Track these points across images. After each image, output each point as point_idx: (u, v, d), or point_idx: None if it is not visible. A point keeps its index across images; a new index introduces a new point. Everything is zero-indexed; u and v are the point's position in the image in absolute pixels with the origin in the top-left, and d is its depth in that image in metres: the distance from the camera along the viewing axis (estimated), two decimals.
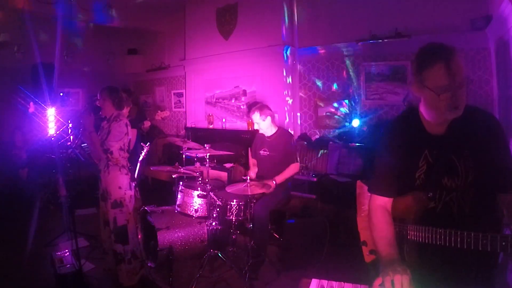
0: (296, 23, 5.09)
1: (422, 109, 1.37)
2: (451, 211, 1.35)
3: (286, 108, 4.97)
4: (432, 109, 1.30)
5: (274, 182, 3.27)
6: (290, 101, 5.05)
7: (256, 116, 3.48)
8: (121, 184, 2.95)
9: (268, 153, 3.54)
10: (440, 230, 1.26)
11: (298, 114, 5.18)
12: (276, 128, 3.61)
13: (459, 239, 1.21)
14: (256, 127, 3.57)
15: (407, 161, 1.41)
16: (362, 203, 1.85)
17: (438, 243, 1.26)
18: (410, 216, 1.43)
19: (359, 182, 1.90)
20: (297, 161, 3.51)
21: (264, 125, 3.50)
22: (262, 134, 3.63)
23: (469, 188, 1.33)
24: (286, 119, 4.97)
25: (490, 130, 1.31)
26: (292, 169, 3.44)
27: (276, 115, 4.22)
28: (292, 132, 4.61)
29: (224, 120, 5.73)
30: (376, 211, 1.47)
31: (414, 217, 1.41)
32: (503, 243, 1.12)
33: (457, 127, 1.31)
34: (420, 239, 1.34)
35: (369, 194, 1.54)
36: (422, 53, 1.28)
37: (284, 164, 3.42)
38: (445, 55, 1.21)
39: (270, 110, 3.59)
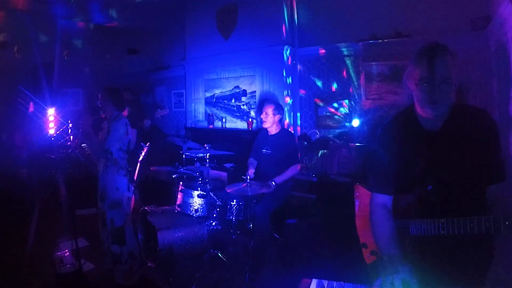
0: (296, 23, 5.09)
1: (416, 104, 1.41)
2: (450, 206, 1.37)
3: (286, 108, 4.97)
4: (417, 102, 1.37)
5: (273, 183, 3.27)
6: (290, 101, 5.05)
7: (270, 108, 3.52)
8: (119, 185, 2.95)
9: (270, 152, 3.55)
10: (443, 220, 1.29)
11: (298, 114, 5.18)
12: (280, 128, 3.63)
13: (462, 225, 1.24)
14: (263, 116, 3.59)
15: (405, 158, 1.43)
16: (360, 205, 1.86)
17: (441, 232, 1.29)
18: (411, 211, 1.44)
19: (356, 185, 1.90)
20: (298, 162, 3.51)
21: (271, 120, 3.52)
22: (265, 133, 3.64)
23: (466, 182, 1.36)
24: (286, 119, 4.97)
25: (483, 125, 1.35)
26: (292, 170, 3.44)
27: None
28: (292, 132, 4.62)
29: (224, 120, 5.73)
30: (376, 210, 1.48)
31: (415, 212, 1.42)
32: (506, 223, 1.15)
33: (452, 123, 1.36)
34: (422, 232, 1.36)
35: (369, 193, 1.54)
36: (419, 48, 1.35)
37: (285, 164, 3.43)
38: (433, 51, 1.29)
39: (283, 112, 3.65)
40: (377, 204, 1.49)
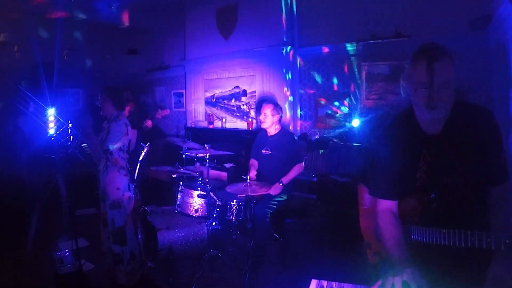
0: (296, 23, 5.09)
1: (414, 107, 1.39)
2: (452, 210, 1.36)
3: (286, 108, 4.97)
4: (415, 106, 1.35)
5: (281, 184, 3.27)
6: (290, 101, 5.04)
7: (269, 108, 3.51)
8: (119, 185, 2.96)
9: (270, 152, 3.55)
10: (444, 231, 1.26)
11: (298, 114, 5.18)
12: (280, 128, 3.63)
13: (463, 238, 1.21)
14: (261, 117, 3.59)
15: (407, 162, 1.41)
16: (363, 204, 1.85)
17: (442, 243, 1.27)
18: (413, 217, 1.43)
19: (360, 185, 1.90)
20: (302, 161, 3.52)
21: (269, 120, 3.52)
22: (265, 133, 3.64)
23: (469, 186, 1.34)
24: (286, 119, 4.97)
25: (484, 126, 1.33)
26: (297, 169, 3.45)
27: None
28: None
29: (224, 120, 5.73)
30: (382, 215, 1.46)
31: (418, 218, 1.41)
32: (507, 241, 1.13)
33: (452, 125, 1.33)
34: (424, 239, 1.35)
35: (373, 197, 1.54)
36: (416, 50, 1.32)
37: (287, 164, 3.43)
38: (431, 54, 1.25)
39: (282, 112, 3.65)
40: (383, 209, 1.47)
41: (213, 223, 3.22)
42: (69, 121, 5.32)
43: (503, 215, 1.31)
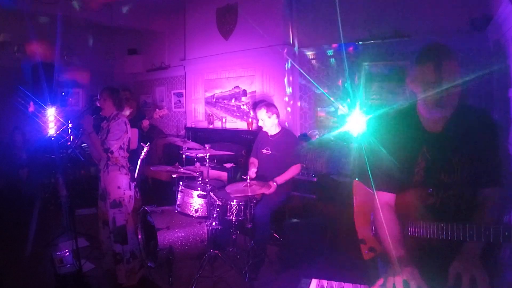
0: (296, 23, 5.09)
1: (419, 106, 1.41)
2: (449, 207, 1.38)
3: (286, 108, 4.97)
4: (422, 104, 1.37)
5: (274, 183, 3.27)
6: (290, 101, 5.05)
7: (262, 112, 3.50)
8: (120, 184, 2.96)
9: (270, 152, 3.55)
10: (442, 225, 1.27)
11: (298, 114, 5.18)
12: (280, 128, 3.63)
13: (461, 232, 1.22)
14: (260, 123, 3.58)
15: (406, 157, 1.43)
16: (358, 201, 1.86)
17: (440, 237, 1.28)
18: (410, 212, 1.44)
19: (355, 181, 1.91)
20: (299, 163, 3.51)
21: (269, 122, 3.52)
22: (266, 133, 3.63)
23: (465, 185, 1.36)
24: (286, 119, 4.97)
25: (484, 128, 1.36)
26: (293, 170, 3.45)
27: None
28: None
29: (224, 120, 5.73)
30: (382, 210, 1.47)
31: (414, 213, 1.42)
32: (506, 233, 1.13)
33: (453, 125, 1.36)
34: (421, 235, 1.36)
35: (367, 190, 1.55)
36: (420, 50, 1.35)
37: (286, 164, 3.43)
38: (437, 55, 1.28)
39: (276, 109, 3.62)
40: (383, 204, 1.48)
41: (213, 223, 3.22)
42: (69, 121, 5.32)
43: (493, 213, 1.32)
